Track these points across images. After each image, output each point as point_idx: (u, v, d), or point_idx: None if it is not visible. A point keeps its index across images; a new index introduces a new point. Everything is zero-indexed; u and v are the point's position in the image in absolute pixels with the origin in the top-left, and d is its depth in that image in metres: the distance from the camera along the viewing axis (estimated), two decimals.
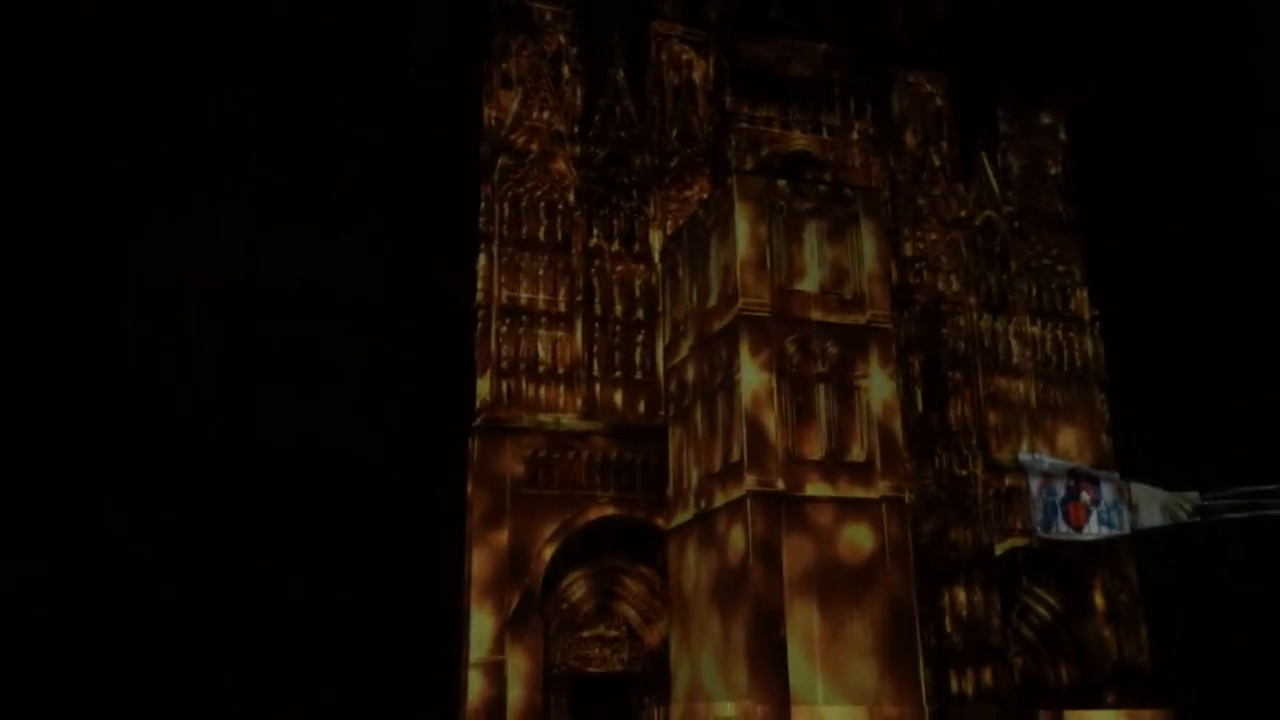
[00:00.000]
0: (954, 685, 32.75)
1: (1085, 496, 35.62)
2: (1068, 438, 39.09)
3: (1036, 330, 40.42)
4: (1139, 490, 36.26)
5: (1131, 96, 52.86)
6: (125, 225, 42.55)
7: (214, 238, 43.71)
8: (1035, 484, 34.82)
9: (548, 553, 33.34)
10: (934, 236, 40.01)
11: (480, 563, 32.92)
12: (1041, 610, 37.95)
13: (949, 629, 33.24)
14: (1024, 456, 36.12)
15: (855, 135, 40.15)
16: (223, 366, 42.85)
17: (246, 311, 43.36)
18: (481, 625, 32.32)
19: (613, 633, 35.45)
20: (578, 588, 34.75)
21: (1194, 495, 37.82)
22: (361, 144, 46.82)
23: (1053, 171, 42.86)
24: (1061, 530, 34.54)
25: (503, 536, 33.08)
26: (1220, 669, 39.57)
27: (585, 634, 35.11)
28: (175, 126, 44.34)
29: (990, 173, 41.88)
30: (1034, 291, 40.97)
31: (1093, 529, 34.87)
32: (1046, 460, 36.14)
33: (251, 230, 44.21)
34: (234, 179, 44.53)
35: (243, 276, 43.67)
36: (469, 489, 34.48)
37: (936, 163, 40.65)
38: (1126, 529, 34.48)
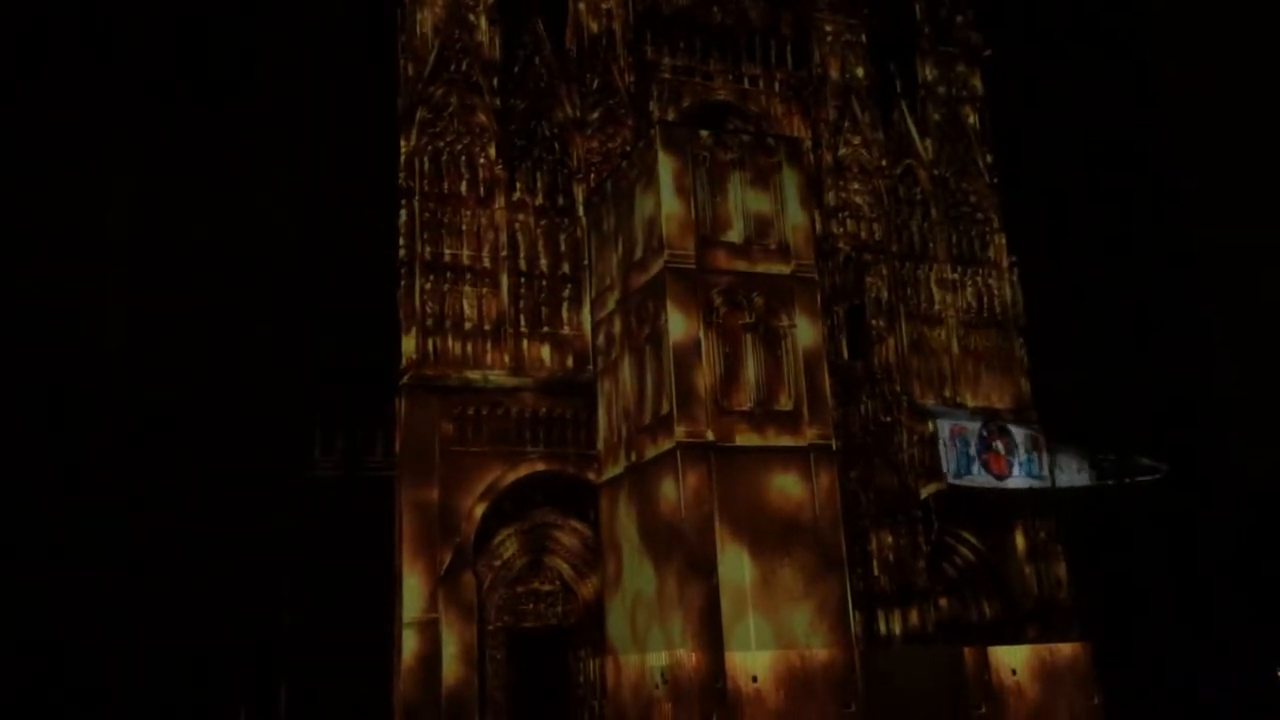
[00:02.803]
0: (882, 627, 33.52)
1: (999, 446, 36.61)
2: (989, 383, 39.90)
3: (956, 277, 41.00)
4: (1057, 447, 37.32)
5: (1047, 43, 53.64)
6: (27, 183, 40.92)
7: (122, 196, 42.28)
8: (945, 431, 35.72)
9: (479, 510, 33.18)
10: (856, 186, 40.16)
11: (410, 522, 32.65)
12: (964, 550, 38.92)
13: (876, 572, 33.93)
14: (934, 408, 37.00)
15: (776, 85, 40.08)
16: (134, 327, 41.60)
17: (157, 271, 42.09)
18: (414, 585, 32.12)
19: (547, 587, 35.51)
20: (510, 544, 34.69)
21: (1111, 458, 39.10)
22: (274, 98, 45.55)
23: (970, 120, 43.31)
24: (977, 477, 35.47)
25: (433, 495, 32.81)
26: (1135, 601, 41.12)
27: (519, 589, 35.11)
28: (82, 82, 42.64)
29: (910, 122, 42.18)
30: (954, 239, 41.51)
31: (1017, 478, 35.90)
32: (954, 411, 37.05)
33: (162, 188, 42.82)
34: (142, 135, 43.02)
35: (152, 235, 42.33)
36: (396, 448, 34.13)
37: (858, 112, 40.76)
38: (1047, 480, 35.63)
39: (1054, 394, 40.90)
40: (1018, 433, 37.21)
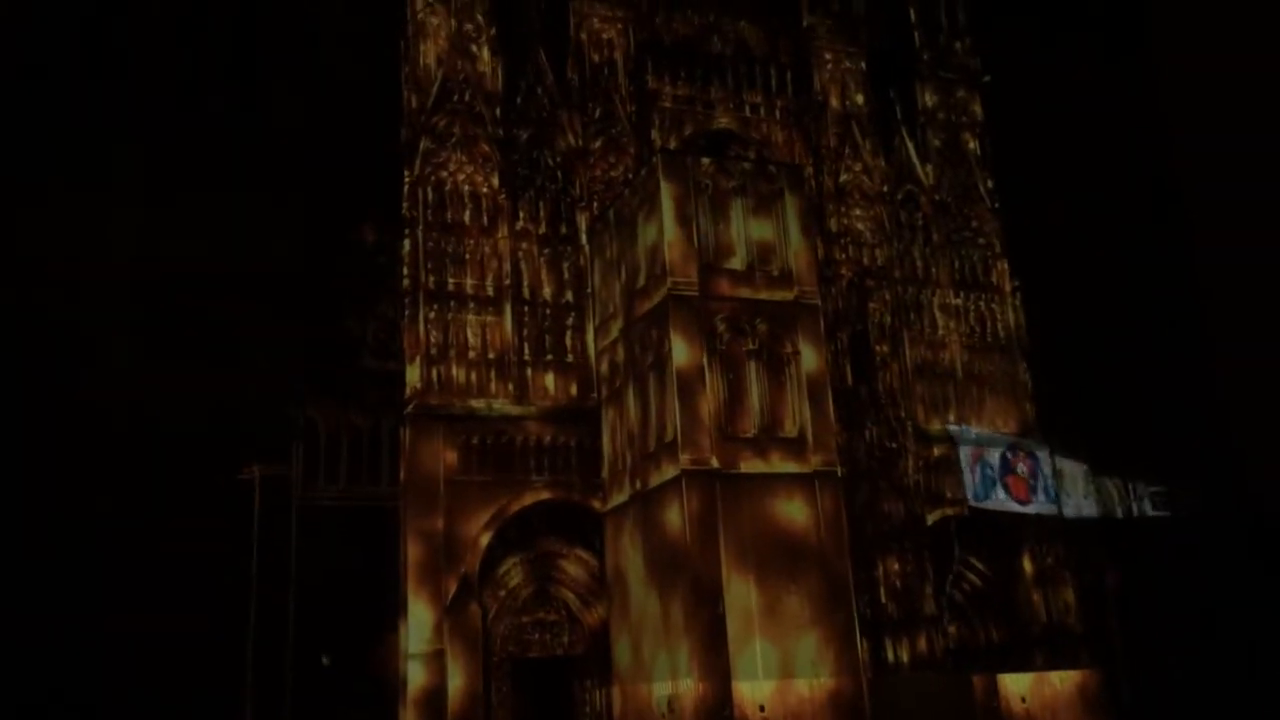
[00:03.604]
0: (890, 654, 33.30)
1: (1022, 469, 36.56)
2: (993, 407, 39.86)
3: (960, 302, 41.08)
4: (1061, 462, 37.39)
5: (1046, 66, 53.89)
6: (32, 206, 41.06)
7: (125, 219, 42.41)
8: (966, 455, 35.62)
9: (484, 539, 33.07)
10: (857, 211, 40.39)
11: (415, 552, 32.54)
12: (972, 576, 38.76)
13: (884, 599, 33.75)
14: (953, 428, 36.89)
15: (777, 112, 40.29)
16: (139, 348, 41.58)
17: (159, 294, 42.11)
18: (419, 615, 31.97)
19: (552, 617, 35.36)
20: (516, 573, 34.56)
21: (1117, 481, 39.05)
22: (279, 131, 45.77)
23: (970, 146, 43.54)
24: (1001, 501, 35.36)
25: (437, 524, 32.72)
26: (1144, 628, 40.82)
27: (525, 619, 34.96)
28: (85, 106, 42.89)
29: (910, 147, 42.39)
30: (956, 264, 41.63)
31: (1038, 503, 35.82)
32: (973, 431, 37.00)
33: (168, 213, 42.95)
34: (145, 159, 43.19)
35: (154, 258, 42.39)
36: (401, 477, 34.06)
37: (858, 138, 40.97)
38: (1060, 506, 35.59)
39: (1058, 417, 40.83)
40: (1042, 456, 37.21)
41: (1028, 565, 38.06)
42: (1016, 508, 36.17)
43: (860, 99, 41.75)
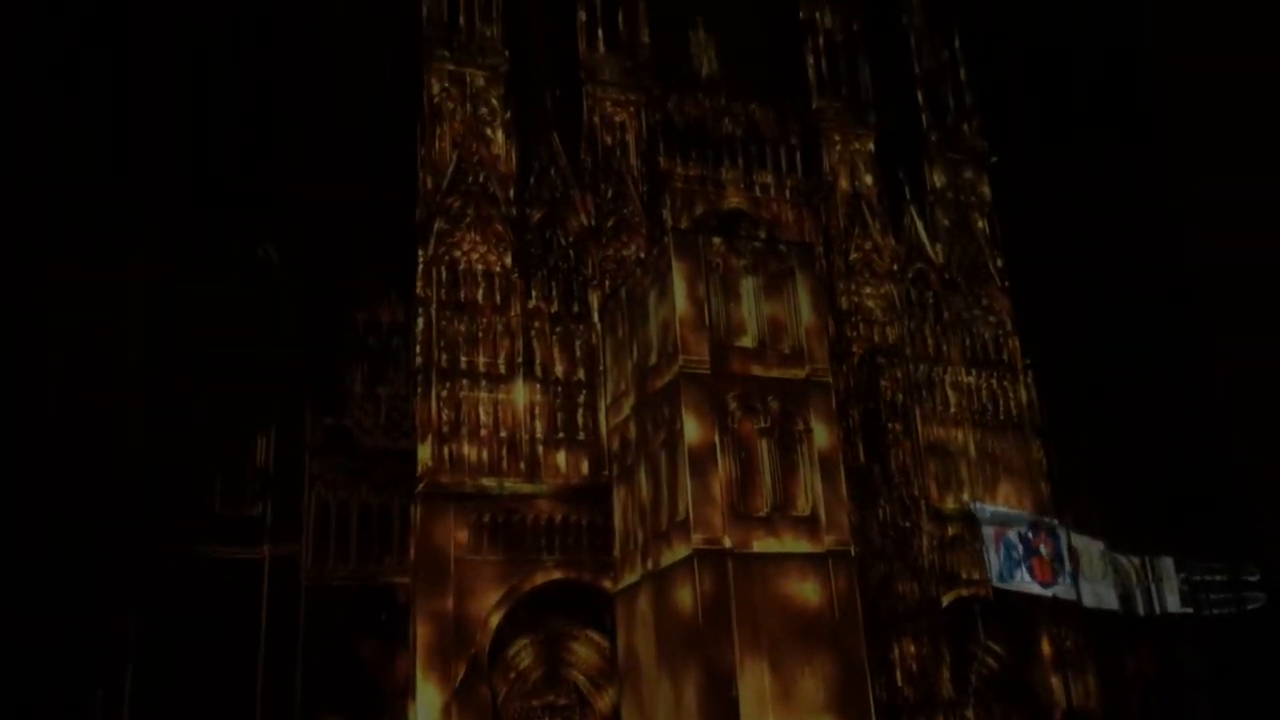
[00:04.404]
0: None
1: (1044, 550, 36.12)
2: (1007, 486, 39.59)
3: (972, 380, 41.06)
4: (1077, 539, 36.97)
5: (1055, 148, 54.47)
6: (44, 285, 41.47)
7: (141, 299, 42.77)
8: (989, 534, 35.22)
9: (494, 620, 32.74)
10: (868, 289, 40.67)
11: (425, 632, 32.21)
12: (989, 659, 38.06)
13: (899, 681, 33.15)
14: (972, 506, 36.58)
15: (788, 192, 40.78)
16: (152, 430, 41.62)
17: (174, 372, 42.28)
18: (428, 697, 31.52)
19: (563, 700, 34.80)
20: (526, 655, 34.13)
21: (1136, 560, 38.57)
22: (293, 210, 46.34)
23: (979, 225, 43.93)
24: (1025, 583, 34.86)
25: (447, 604, 32.44)
26: (1168, 708, 39.96)
27: (535, 703, 34.42)
28: (99, 183, 43.51)
29: (919, 226, 42.76)
30: (967, 341, 41.72)
31: (1061, 586, 35.31)
32: (989, 509, 36.67)
33: (181, 292, 43.32)
34: (159, 236, 43.68)
35: (171, 336, 42.66)
36: (412, 556, 33.86)
37: (867, 217, 41.39)
38: (1076, 587, 35.08)
39: (1073, 496, 40.48)
40: (1060, 533, 36.80)
41: (1046, 648, 37.41)
42: (1039, 590, 35.66)
43: (869, 179, 42.32)
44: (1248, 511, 55.40)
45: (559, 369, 36.27)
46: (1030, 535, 36.36)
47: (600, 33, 40.52)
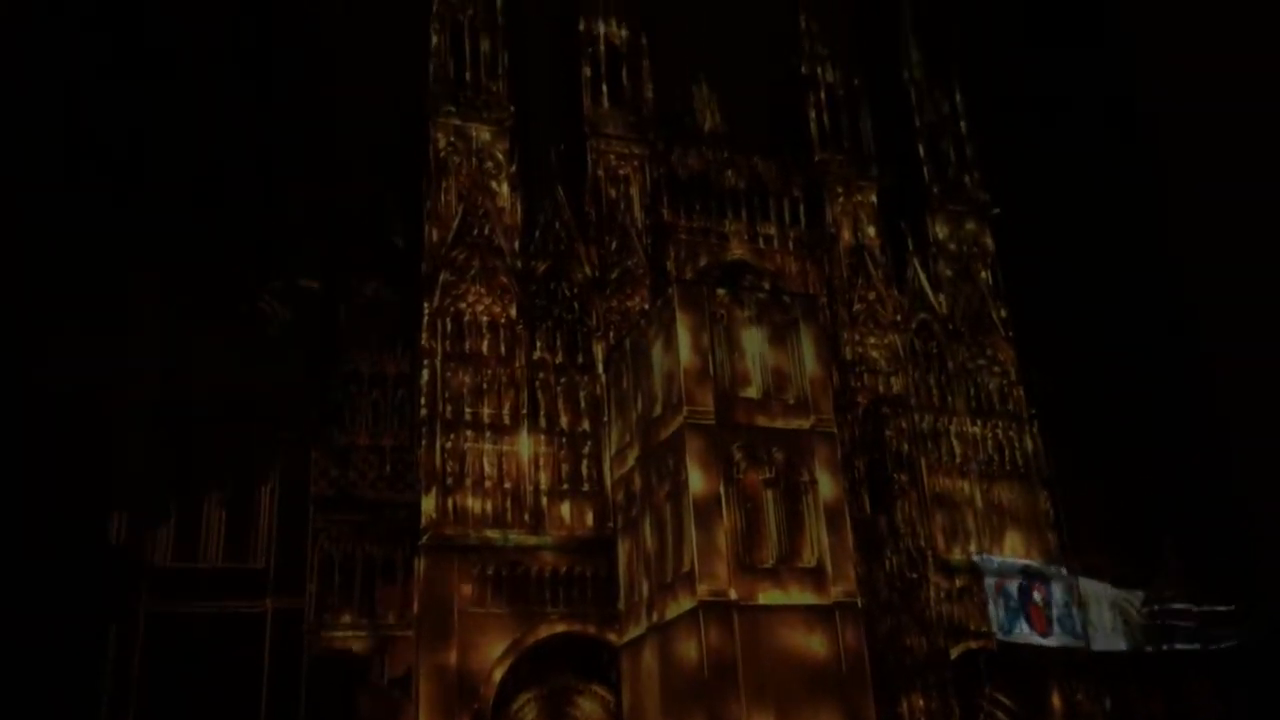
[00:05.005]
0: None
1: (1038, 596, 35.80)
2: (1015, 536, 39.35)
3: (977, 430, 40.99)
4: (1087, 586, 36.67)
5: (1057, 198, 54.85)
6: (47, 340, 41.64)
7: (142, 352, 42.91)
8: (991, 585, 34.96)
9: (498, 674, 32.45)
10: (872, 340, 40.75)
11: (428, 686, 31.91)
12: (999, 713, 37.56)
13: None
14: (976, 558, 36.33)
15: (791, 244, 41.02)
16: (157, 484, 41.54)
17: (179, 422, 42.31)
18: None
19: None
20: (530, 710, 33.76)
21: (1139, 594, 38.27)
22: (299, 262, 46.62)
23: (982, 275, 44.12)
24: (1024, 633, 34.52)
25: (451, 658, 32.17)
26: None
27: None
28: (100, 241, 43.82)
29: (923, 276, 42.94)
30: (972, 391, 41.72)
31: (1055, 635, 34.97)
32: (996, 560, 36.43)
33: (187, 343, 43.48)
34: (166, 291, 43.93)
35: (172, 391, 42.75)
36: (415, 609, 33.62)
37: (871, 268, 41.60)
38: (1085, 638, 34.70)
39: (1082, 546, 40.20)
40: (1055, 581, 36.52)
41: (1057, 701, 36.93)
42: (1038, 640, 35.32)
43: (872, 230, 42.61)
44: (1252, 549, 55.07)
45: (563, 420, 36.28)
46: (1026, 584, 36.09)
47: (605, 88, 41.09)
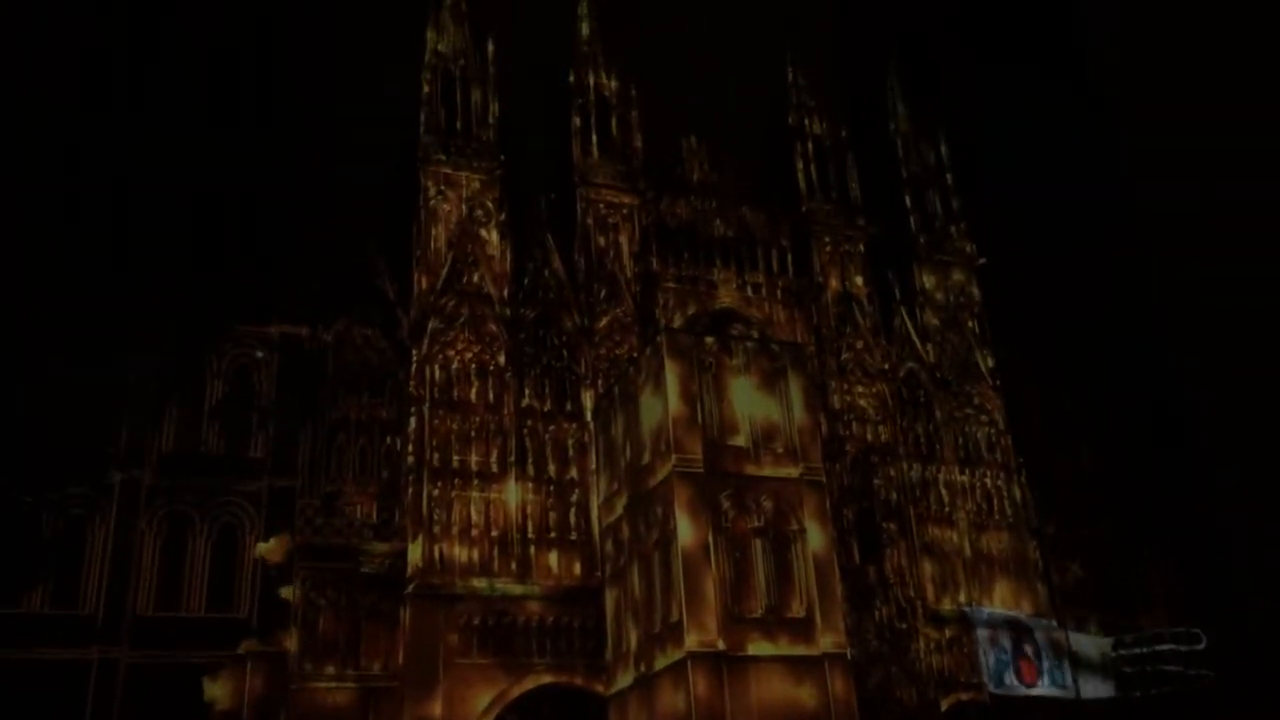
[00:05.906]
0: None
1: (1028, 649, 35.61)
2: (1004, 586, 39.19)
3: (965, 479, 40.98)
4: (1076, 636, 36.46)
5: (1044, 248, 55.32)
6: (39, 390, 41.42)
7: (133, 404, 42.71)
8: (982, 636, 34.73)
9: None
10: (860, 389, 40.83)
11: None
12: None
13: None
14: (966, 609, 36.13)
15: (779, 292, 41.21)
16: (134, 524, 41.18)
17: (169, 478, 42.03)
18: None
19: None
20: None
21: (1126, 639, 38.07)
22: (285, 311, 46.56)
23: (969, 325, 44.35)
24: (1013, 685, 34.26)
25: (436, 709, 31.73)
26: None
27: None
28: (99, 287, 43.76)
29: (910, 326, 43.16)
30: (960, 440, 41.76)
31: (1044, 687, 34.70)
32: (986, 611, 36.23)
33: (176, 396, 43.30)
34: (160, 349, 43.83)
35: (166, 439, 42.51)
36: (401, 659, 33.21)
37: (858, 317, 41.79)
38: (1073, 690, 34.46)
39: (1072, 596, 40.06)
40: (1040, 633, 36.29)
41: None
42: (1025, 691, 35.05)
43: (860, 280, 42.86)
44: (1245, 602, 55.03)
45: (551, 468, 36.14)
46: (1014, 635, 35.89)
47: (594, 137, 41.42)
